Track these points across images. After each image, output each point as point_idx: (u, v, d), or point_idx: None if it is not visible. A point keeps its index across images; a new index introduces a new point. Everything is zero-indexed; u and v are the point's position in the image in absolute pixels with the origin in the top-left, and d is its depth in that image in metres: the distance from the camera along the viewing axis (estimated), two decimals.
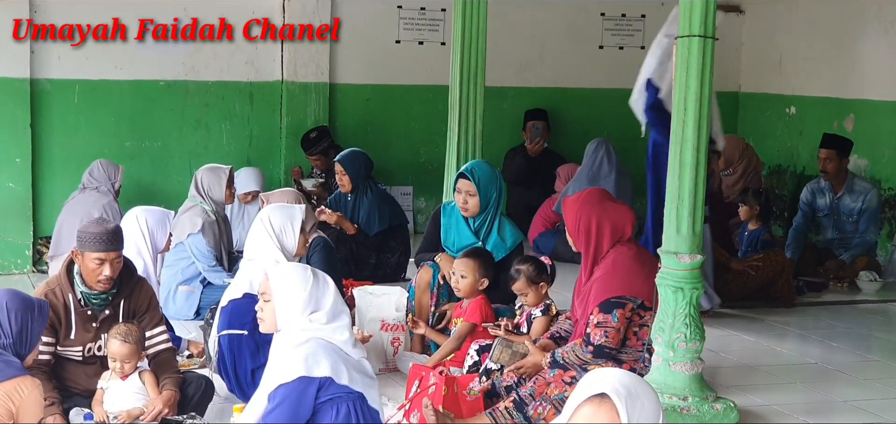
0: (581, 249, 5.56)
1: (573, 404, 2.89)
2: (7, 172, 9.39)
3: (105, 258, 5.33)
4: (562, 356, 5.46)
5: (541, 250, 9.04)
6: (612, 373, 2.98)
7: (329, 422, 4.70)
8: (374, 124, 10.70)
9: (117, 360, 5.38)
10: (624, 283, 5.39)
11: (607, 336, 5.34)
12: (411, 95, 10.81)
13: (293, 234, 6.17)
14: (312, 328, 4.75)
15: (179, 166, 9.99)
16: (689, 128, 5.25)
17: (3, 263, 9.40)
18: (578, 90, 11.31)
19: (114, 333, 5.40)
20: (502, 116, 10.76)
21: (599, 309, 5.36)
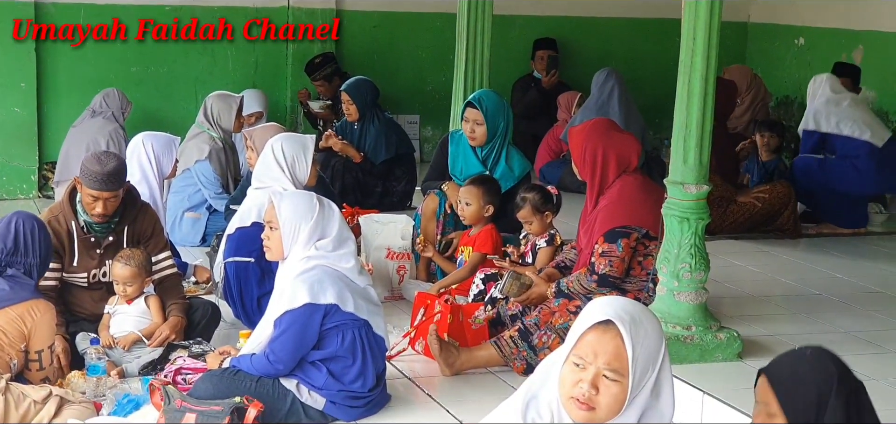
0: (586, 178, 5.56)
1: (577, 331, 2.89)
2: (12, 96, 9.38)
3: (99, 196, 5.34)
4: (566, 286, 5.47)
5: (547, 180, 9.02)
6: (615, 301, 2.98)
7: (334, 349, 4.74)
8: (380, 52, 10.66)
9: (121, 283, 5.41)
10: (629, 213, 5.39)
11: (611, 265, 5.34)
12: (419, 22, 10.75)
13: (306, 163, 6.16)
14: (318, 256, 4.77)
15: (185, 92, 9.96)
16: (698, 57, 5.21)
17: (9, 188, 9.42)
18: (588, 19, 11.24)
19: (118, 257, 5.42)
20: (510, 45, 10.71)
21: (604, 239, 5.36)
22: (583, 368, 2.86)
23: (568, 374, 2.88)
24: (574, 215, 7.24)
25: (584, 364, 2.86)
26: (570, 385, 2.87)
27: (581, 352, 2.87)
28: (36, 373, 4.71)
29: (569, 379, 2.88)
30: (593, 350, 2.87)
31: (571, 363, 2.88)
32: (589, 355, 2.87)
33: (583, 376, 2.86)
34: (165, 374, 5.06)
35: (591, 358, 2.86)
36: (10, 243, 4.74)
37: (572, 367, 2.87)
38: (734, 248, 7.92)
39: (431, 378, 5.42)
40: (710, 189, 5.34)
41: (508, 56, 10.59)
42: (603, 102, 9.68)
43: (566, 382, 2.88)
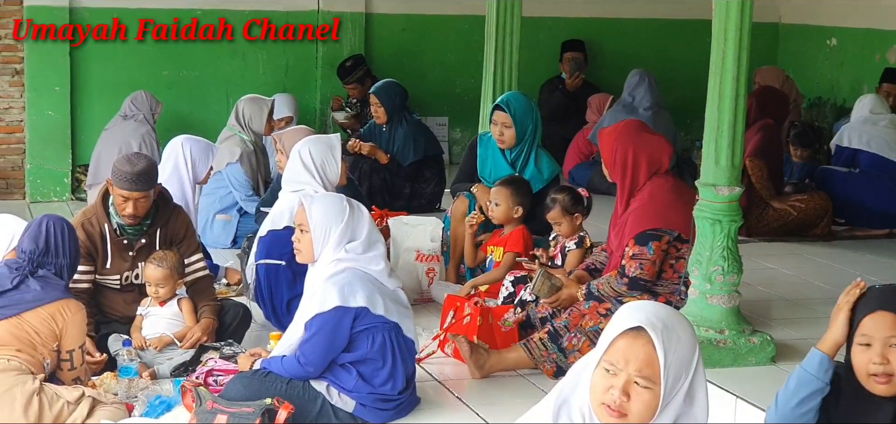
0: (617, 180, 5.53)
1: (609, 336, 2.86)
2: (47, 100, 9.45)
3: (129, 197, 5.37)
4: (597, 289, 5.45)
5: (577, 182, 9.00)
6: (647, 305, 2.94)
7: (364, 351, 4.74)
8: (409, 54, 10.67)
9: (153, 284, 5.44)
10: (660, 215, 5.36)
11: (642, 268, 5.32)
12: (447, 25, 10.75)
13: (336, 163, 6.17)
14: (348, 259, 4.78)
15: (216, 95, 10.00)
16: (729, 59, 5.19)
17: (43, 190, 9.49)
18: (617, 20, 11.21)
19: (150, 258, 5.46)
20: (539, 47, 10.68)
21: (635, 241, 5.34)
22: (614, 374, 2.83)
23: (599, 380, 2.85)
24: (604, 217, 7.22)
25: (614, 371, 2.83)
26: (602, 391, 2.84)
27: (612, 358, 2.84)
28: (67, 373, 4.74)
29: (600, 385, 2.85)
30: (624, 357, 2.83)
31: (602, 369, 2.85)
32: (620, 361, 2.83)
33: (614, 382, 2.83)
34: (197, 375, 5.09)
35: (622, 365, 2.83)
36: (41, 244, 4.77)
37: (603, 373, 2.85)
38: (767, 251, 7.87)
39: (461, 380, 5.42)
40: (742, 191, 5.31)
41: (537, 58, 10.57)
42: (633, 103, 9.66)
43: (597, 388, 2.86)
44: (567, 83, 10.72)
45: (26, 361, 4.56)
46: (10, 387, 4.46)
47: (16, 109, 9.52)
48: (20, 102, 9.50)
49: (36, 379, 4.52)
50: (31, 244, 4.78)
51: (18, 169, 9.59)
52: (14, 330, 4.58)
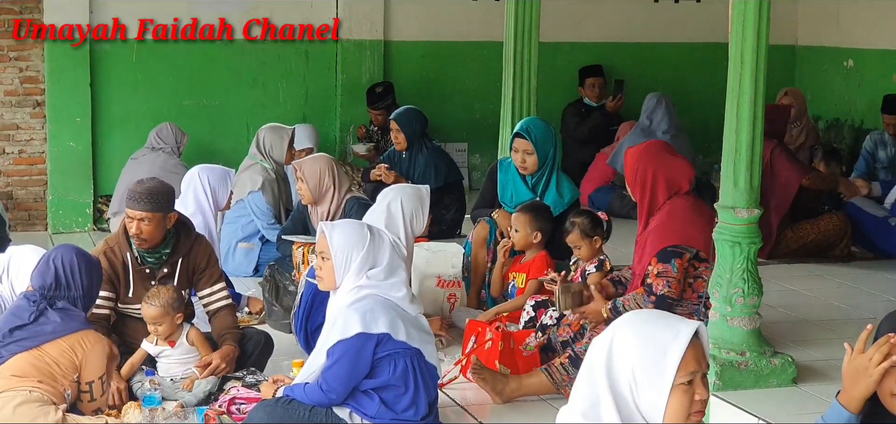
0: (637, 199, 5.57)
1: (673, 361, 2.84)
2: (68, 131, 9.52)
3: (133, 216, 5.37)
4: (623, 304, 5.45)
5: (596, 206, 9.01)
6: (644, 315, 2.98)
7: (387, 378, 4.75)
8: (428, 81, 10.70)
9: (150, 323, 5.38)
10: (679, 232, 5.39)
11: (670, 286, 5.32)
12: (466, 51, 10.79)
13: (424, 216, 6.19)
14: (370, 285, 4.79)
15: (237, 125, 10.06)
16: (747, 81, 5.21)
17: (65, 221, 9.55)
18: (634, 45, 11.23)
19: (145, 297, 5.39)
20: (557, 72, 10.71)
21: (658, 259, 5.36)
22: (691, 382, 2.88)
23: (680, 399, 2.87)
24: (624, 240, 7.25)
25: (691, 378, 2.88)
26: (687, 406, 2.88)
27: (687, 370, 2.87)
28: (88, 404, 4.76)
29: (683, 404, 2.87)
30: (696, 360, 2.89)
31: (680, 388, 2.86)
32: (694, 367, 2.89)
33: (695, 390, 2.88)
34: (220, 404, 5.11)
35: (696, 368, 2.89)
36: (49, 280, 4.79)
37: (683, 391, 2.87)
38: (787, 272, 7.86)
39: (483, 405, 5.43)
40: (761, 213, 5.32)
41: (555, 83, 10.59)
42: (650, 126, 9.68)
43: (680, 407, 2.87)
44: (609, 105, 10.73)
45: (47, 392, 4.58)
46: (33, 419, 4.48)
47: (37, 141, 9.59)
48: (41, 133, 9.57)
49: (58, 410, 4.54)
50: (39, 281, 4.80)
51: (40, 200, 9.66)
52: (35, 362, 4.61)
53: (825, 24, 11.28)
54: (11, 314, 4.74)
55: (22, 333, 4.64)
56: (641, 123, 9.77)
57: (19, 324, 4.64)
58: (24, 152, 9.59)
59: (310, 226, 7.03)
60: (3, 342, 4.62)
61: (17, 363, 4.58)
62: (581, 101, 10.89)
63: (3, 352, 4.59)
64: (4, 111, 9.48)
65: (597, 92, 10.81)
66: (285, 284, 6.65)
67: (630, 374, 2.85)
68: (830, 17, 11.21)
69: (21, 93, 9.49)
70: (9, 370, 4.56)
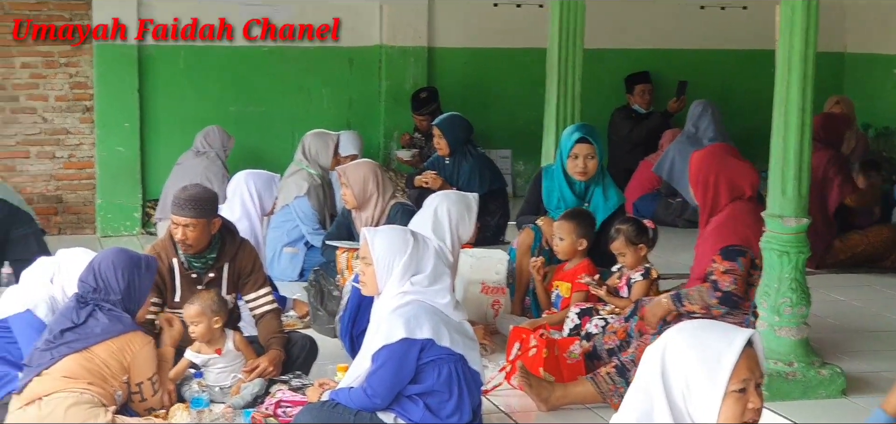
0: (698, 201, 5.55)
1: (726, 369, 2.85)
2: (116, 136, 9.61)
3: (177, 223, 5.41)
4: (687, 294, 5.41)
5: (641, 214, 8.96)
6: (692, 326, 2.98)
7: (431, 383, 4.75)
8: (472, 88, 10.71)
9: (190, 322, 5.38)
10: (739, 233, 5.36)
11: (736, 284, 5.27)
12: (509, 58, 10.78)
13: (471, 223, 6.20)
14: (414, 291, 4.79)
15: (281, 131, 10.10)
16: (794, 89, 5.18)
17: (113, 225, 9.64)
18: (680, 51, 11.18)
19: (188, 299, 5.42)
20: (601, 79, 10.68)
21: (722, 257, 5.32)
22: (744, 391, 2.88)
23: (733, 408, 2.87)
24: (670, 249, 7.21)
25: (744, 386, 2.88)
26: (740, 413, 2.88)
27: (740, 378, 2.87)
28: (139, 404, 4.80)
29: (736, 412, 2.88)
30: (750, 369, 2.89)
31: (734, 395, 2.87)
32: (748, 375, 2.89)
33: (748, 397, 2.89)
34: (266, 407, 5.13)
35: (749, 376, 2.89)
36: (91, 282, 4.83)
37: (736, 399, 2.87)
38: (836, 282, 7.79)
39: (528, 412, 5.41)
40: (809, 222, 5.28)
41: (599, 89, 10.56)
42: (697, 134, 9.63)
43: (733, 415, 2.87)
44: (671, 106, 10.70)
45: (98, 394, 4.62)
46: (84, 420, 4.52)
47: (86, 146, 9.68)
48: (90, 138, 9.66)
49: (108, 412, 4.58)
50: (82, 285, 4.85)
51: (89, 204, 9.74)
52: (85, 363, 4.65)
53: (874, 30, 11.18)
54: (62, 315, 4.79)
55: (71, 335, 4.68)
56: (687, 131, 9.72)
57: (69, 326, 4.69)
58: (74, 157, 9.69)
59: (354, 232, 7.05)
60: (53, 343, 4.66)
61: (67, 365, 4.62)
62: (628, 106, 10.85)
63: (54, 353, 4.64)
64: (54, 116, 9.58)
65: (647, 98, 10.78)
66: (330, 289, 6.68)
67: (683, 381, 2.85)
68: (880, 23, 11.11)
69: (70, 98, 9.59)
70: (60, 371, 4.61)
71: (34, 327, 5.04)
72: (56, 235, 9.23)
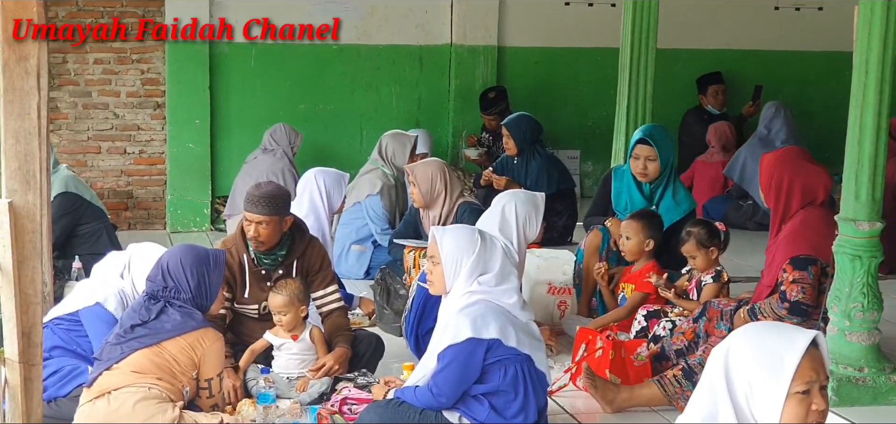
0: (771, 206, 5.50)
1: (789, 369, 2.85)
2: (187, 133, 9.72)
3: (251, 220, 5.46)
4: (760, 308, 5.38)
5: (711, 216, 8.89)
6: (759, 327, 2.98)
7: (497, 383, 4.74)
8: (542, 87, 10.68)
9: (276, 312, 5.49)
10: (811, 242, 5.32)
11: (804, 293, 5.25)
12: (580, 57, 10.74)
13: (537, 222, 6.18)
14: (481, 291, 4.79)
15: (351, 129, 10.16)
16: (871, 91, 5.10)
17: (183, 220, 9.74)
18: (754, 52, 11.06)
19: (274, 287, 5.52)
20: (673, 80, 10.60)
21: (793, 266, 5.29)
22: (808, 392, 2.88)
23: (796, 409, 2.87)
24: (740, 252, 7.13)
25: (808, 388, 2.88)
26: (804, 415, 2.88)
27: (803, 379, 2.87)
28: (206, 400, 4.84)
29: (799, 414, 2.88)
30: (813, 371, 2.88)
31: (797, 397, 2.87)
32: (811, 377, 2.88)
33: (812, 400, 2.88)
34: (332, 404, 5.16)
35: (813, 378, 2.88)
36: (159, 280, 4.87)
37: (799, 400, 2.87)
38: None
39: (593, 414, 5.39)
40: (883, 226, 5.20)
41: (671, 90, 10.48)
42: (769, 136, 9.52)
43: (796, 416, 2.88)
44: (745, 111, 10.66)
45: (166, 389, 4.66)
46: (152, 416, 4.56)
47: (157, 142, 9.79)
48: (161, 134, 9.77)
49: (176, 407, 4.62)
50: (150, 282, 4.89)
51: (160, 200, 9.86)
52: (154, 359, 4.69)
53: None
54: (133, 310, 4.84)
55: (142, 330, 4.73)
56: (759, 133, 9.62)
57: (140, 321, 4.73)
58: (144, 153, 9.80)
59: (421, 230, 7.06)
60: (124, 338, 4.71)
61: (137, 360, 4.67)
62: (701, 107, 10.76)
63: (124, 348, 4.68)
64: (126, 112, 9.70)
65: (720, 99, 10.70)
66: (396, 287, 6.69)
67: (746, 382, 2.86)
68: None
69: (142, 94, 9.71)
70: (129, 366, 4.66)
71: (104, 320, 5.12)
72: (126, 230, 9.33)
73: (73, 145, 9.61)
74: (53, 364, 5.05)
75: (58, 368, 5.05)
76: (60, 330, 5.19)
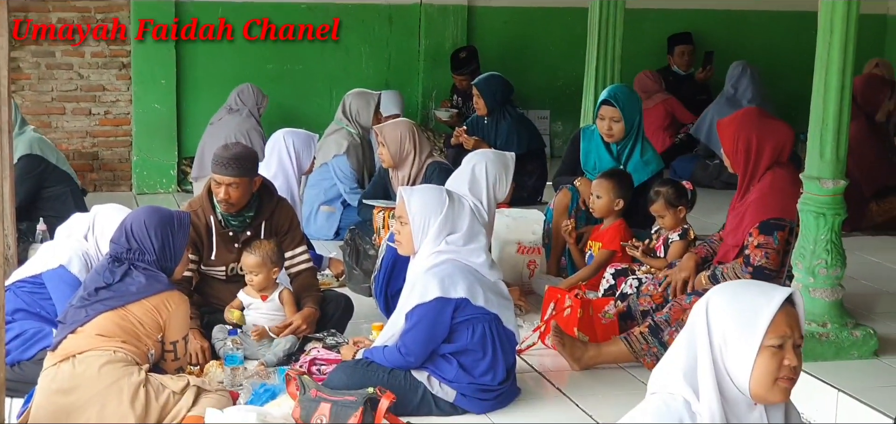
0: (738, 169, 5.48)
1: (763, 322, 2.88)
2: (153, 93, 9.63)
3: (221, 182, 5.44)
4: (722, 272, 5.41)
5: (679, 176, 8.93)
6: (744, 284, 3.01)
7: (465, 342, 4.77)
8: (512, 47, 10.66)
9: (248, 272, 5.51)
10: (781, 204, 5.33)
11: (768, 258, 5.28)
12: (550, 17, 10.72)
13: (507, 183, 6.20)
14: (449, 250, 4.80)
15: (320, 90, 10.11)
16: (835, 50, 5.11)
17: (149, 182, 9.68)
18: (722, 12, 11.08)
19: (247, 247, 5.53)
20: (643, 39, 10.60)
21: (759, 230, 5.31)
22: (781, 347, 2.90)
23: (767, 363, 2.90)
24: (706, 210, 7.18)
25: (781, 342, 2.90)
26: (774, 370, 2.90)
27: (777, 333, 2.90)
28: (171, 363, 4.82)
29: (769, 367, 2.90)
30: (788, 326, 2.91)
31: (769, 350, 2.89)
32: (785, 332, 2.91)
33: (784, 354, 2.91)
34: (301, 364, 5.17)
35: (787, 333, 2.91)
36: (123, 242, 4.83)
37: (771, 354, 2.90)
38: (872, 244, 7.73)
39: (561, 372, 5.42)
40: (846, 184, 5.24)
41: (640, 50, 10.48)
42: (736, 96, 9.55)
43: (766, 372, 2.90)
44: (698, 76, 10.67)
45: (131, 352, 4.63)
46: (117, 379, 4.52)
47: (123, 102, 9.71)
48: (127, 95, 9.68)
49: (141, 371, 4.59)
50: (114, 245, 4.85)
51: (125, 161, 9.78)
52: (119, 322, 4.65)
53: None
54: (97, 273, 4.80)
55: (107, 293, 4.69)
56: (726, 92, 9.65)
57: (104, 284, 4.70)
58: (110, 114, 9.72)
59: (390, 191, 7.06)
60: (88, 301, 4.68)
61: (102, 323, 4.64)
62: (669, 68, 10.78)
63: (89, 311, 4.65)
64: (91, 73, 9.60)
65: (686, 60, 10.72)
66: (366, 248, 6.69)
67: (721, 334, 2.90)
68: None
69: (107, 55, 9.61)
70: (94, 329, 4.63)
71: (68, 283, 5.09)
72: (92, 192, 9.25)
73: (37, 106, 9.51)
74: (16, 327, 5.03)
75: (21, 331, 5.03)
76: (23, 293, 5.16)
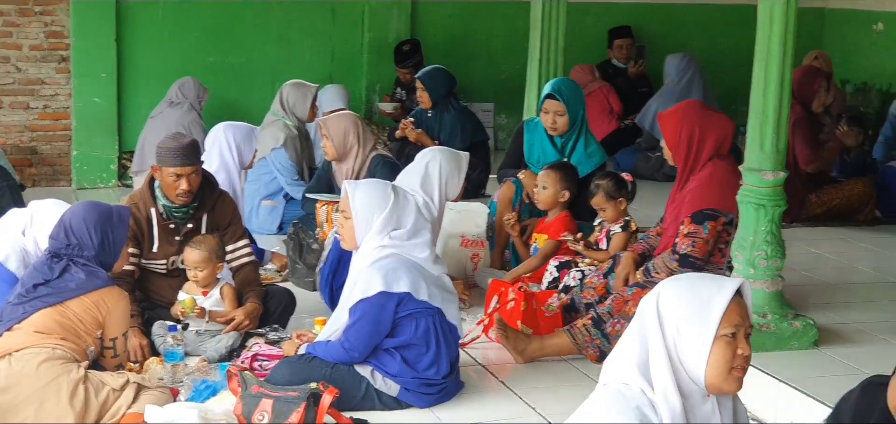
0: (679, 161, 5.49)
1: (715, 315, 2.89)
2: (93, 86, 9.51)
3: (181, 173, 5.40)
4: (653, 266, 5.44)
5: (621, 168, 8.99)
6: (693, 277, 3.03)
7: (408, 337, 4.77)
8: (455, 40, 10.67)
9: (191, 267, 5.47)
10: (718, 196, 5.36)
11: (694, 246, 5.30)
12: (493, 10, 10.73)
13: (459, 181, 6.20)
14: (392, 245, 4.80)
15: (262, 83, 10.04)
16: (775, 43, 5.16)
17: (89, 176, 9.57)
18: (664, 6, 11.15)
19: (190, 242, 5.49)
20: (585, 33, 10.63)
21: (691, 220, 5.34)
22: (735, 336, 2.93)
23: (722, 353, 2.91)
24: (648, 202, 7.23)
25: (734, 331, 2.92)
26: (729, 360, 2.92)
27: (731, 323, 2.92)
28: (110, 360, 4.77)
29: (725, 358, 2.91)
30: (740, 316, 2.94)
31: (724, 339, 2.91)
32: (738, 321, 2.93)
33: (738, 345, 2.93)
34: (242, 360, 5.13)
35: (739, 322, 2.93)
36: (62, 238, 4.78)
37: (725, 344, 2.91)
38: (811, 236, 7.82)
39: (505, 365, 5.44)
40: (786, 176, 5.29)
41: (583, 44, 10.51)
42: (681, 89, 9.62)
43: (722, 362, 2.91)
44: (630, 70, 10.72)
45: (71, 349, 4.58)
46: (56, 377, 4.47)
47: (62, 96, 9.57)
48: (66, 88, 9.55)
49: (80, 368, 4.53)
50: (54, 241, 4.80)
51: (65, 156, 9.66)
52: (58, 318, 4.60)
53: None
54: (35, 269, 4.74)
55: (45, 289, 4.63)
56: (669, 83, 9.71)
57: (43, 280, 4.65)
58: (49, 107, 9.59)
59: (334, 184, 7.04)
60: (26, 297, 4.62)
61: (40, 320, 4.58)
62: (609, 61, 10.84)
63: (26, 308, 4.59)
64: (29, 66, 9.47)
65: (625, 53, 10.77)
66: (309, 242, 6.66)
67: (674, 326, 2.91)
68: None
69: (46, 48, 9.49)
70: (32, 326, 4.57)
71: (5, 280, 5.01)
72: (31, 187, 9.13)
73: None
74: None
75: None
76: None
